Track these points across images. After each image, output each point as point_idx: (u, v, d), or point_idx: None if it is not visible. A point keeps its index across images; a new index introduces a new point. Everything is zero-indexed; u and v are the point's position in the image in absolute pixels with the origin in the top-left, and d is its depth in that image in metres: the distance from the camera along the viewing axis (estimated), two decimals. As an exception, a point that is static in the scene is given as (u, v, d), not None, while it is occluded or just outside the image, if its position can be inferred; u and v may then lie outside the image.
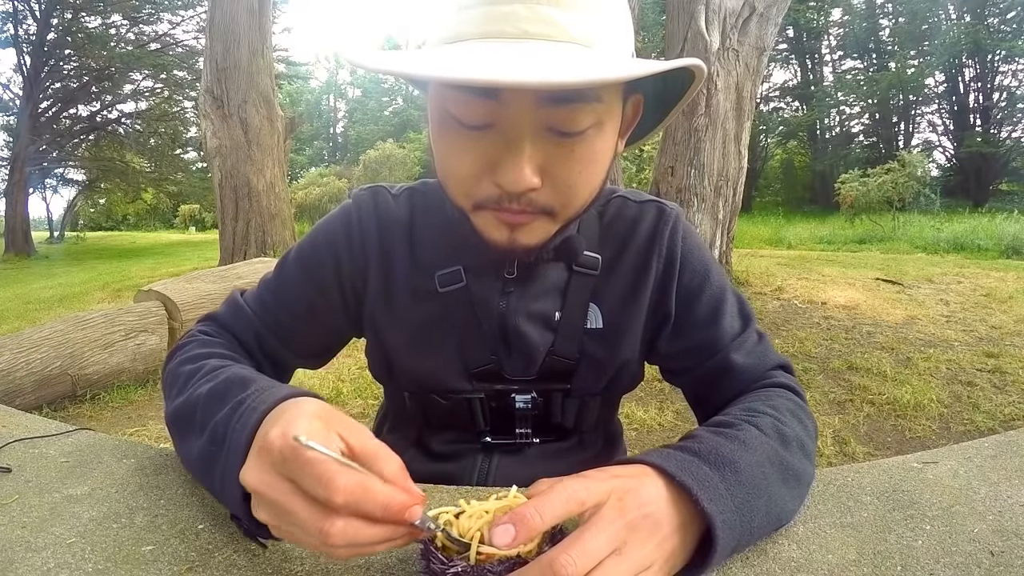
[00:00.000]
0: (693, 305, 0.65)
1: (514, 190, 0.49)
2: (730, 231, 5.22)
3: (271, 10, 8.38)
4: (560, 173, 0.50)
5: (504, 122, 0.48)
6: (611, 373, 0.66)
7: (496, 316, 0.64)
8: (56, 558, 0.46)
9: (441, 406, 0.66)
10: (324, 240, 0.67)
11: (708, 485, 0.42)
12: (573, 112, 0.48)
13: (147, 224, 34.13)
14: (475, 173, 0.51)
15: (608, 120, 0.51)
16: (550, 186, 0.51)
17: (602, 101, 0.49)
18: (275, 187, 7.91)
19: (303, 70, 35.24)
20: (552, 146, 0.49)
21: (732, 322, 0.65)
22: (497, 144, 0.49)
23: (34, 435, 0.70)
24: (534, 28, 0.46)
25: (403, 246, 0.66)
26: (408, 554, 0.45)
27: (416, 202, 0.68)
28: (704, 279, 0.65)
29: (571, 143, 0.49)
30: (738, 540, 0.42)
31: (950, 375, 3.18)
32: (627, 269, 0.65)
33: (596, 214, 0.67)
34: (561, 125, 0.48)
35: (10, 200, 15.33)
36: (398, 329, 0.66)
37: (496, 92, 0.47)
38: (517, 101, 0.47)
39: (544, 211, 0.53)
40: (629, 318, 0.65)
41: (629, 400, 2.90)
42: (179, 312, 3.58)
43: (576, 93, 0.47)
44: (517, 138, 0.48)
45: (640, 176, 13.05)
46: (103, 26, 16.58)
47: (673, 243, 0.65)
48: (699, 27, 4.72)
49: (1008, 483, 0.54)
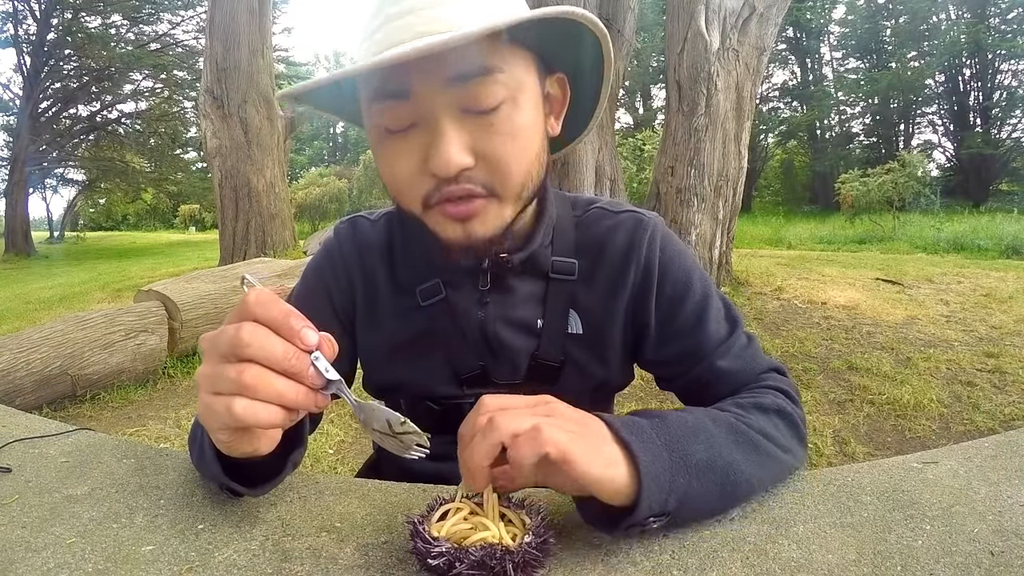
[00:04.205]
0: (676, 314, 0.65)
1: (446, 173, 0.51)
2: (730, 231, 5.21)
3: (271, 10, 8.39)
4: (487, 149, 0.52)
5: (423, 115, 0.52)
6: (597, 377, 0.68)
7: (477, 325, 0.66)
8: (56, 558, 0.46)
9: (435, 412, 0.69)
10: (314, 277, 0.71)
11: (629, 424, 0.48)
12: (480, 86, 0.50)
13: (147, 224, 34.13)
14: (413, 171, 0.54)
15: (521, 95, 0.53)
16: (483, 165, 0.53)
17: (504, 72, 0.51)
18: (275, 187, 7.91)
19: (303, 70, 35.28)
20: (474, 125, 0.52)
21: (718, 328, 0.65)
22: (423, 138, 0.52)
23: (34, 435, 0.70)
24: (426, 28, 0.49)
25: (384, 267, 0.69)
26: (408, 555, 0.45)
27: (394, 224, 0.71)
28: (686, 287, 0.65)
29: (490, 118, 0.52)
30: (671, 477, 0.45)
31: (950, 375, 3.18)
32: (604, 278, 0.66)
33: (572, 223, 0.69)
34: (473, 103, 0.51)
35: (10, 200, 15.33)
36: (388, 345, 0.69)
37: (407, 91, 0.51)
38: (426, 89, 0.50)
39: (486, 191, 0.54)
40: (608, 326, 0.66)
41: (629, 400, 2.90)
42: (179, 312, 3.58)
43: (476, 67, 0.50)
44: (437, 124, 0.51)
45: (640, 176, 13.04)
46: (103, 26, 16.57)
47: (651, 253, 0.66)
48: (699, 27, 4.72)
49: (1008, 483, 0.54)
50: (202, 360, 0.42)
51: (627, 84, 23.62)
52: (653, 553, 0.46)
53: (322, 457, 2.43)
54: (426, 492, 0.57)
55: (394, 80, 0.50)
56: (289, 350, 0.39)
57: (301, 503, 0.55)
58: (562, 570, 0.44)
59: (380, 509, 0.54)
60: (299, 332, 0.39)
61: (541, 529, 0.43)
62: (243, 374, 0.38)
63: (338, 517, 0.52)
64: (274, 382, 0.39)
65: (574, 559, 0.45)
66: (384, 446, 0.44)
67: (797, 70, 26.18)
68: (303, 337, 0.40)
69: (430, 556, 0.41)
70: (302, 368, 0.40)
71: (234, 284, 4.02)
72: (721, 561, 0.45)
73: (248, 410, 0.38)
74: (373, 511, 0.53)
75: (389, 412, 0.43)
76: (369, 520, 0.52)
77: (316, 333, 0.40)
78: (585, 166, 4.76)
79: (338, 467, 2.35)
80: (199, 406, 0.42)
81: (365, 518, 0.52)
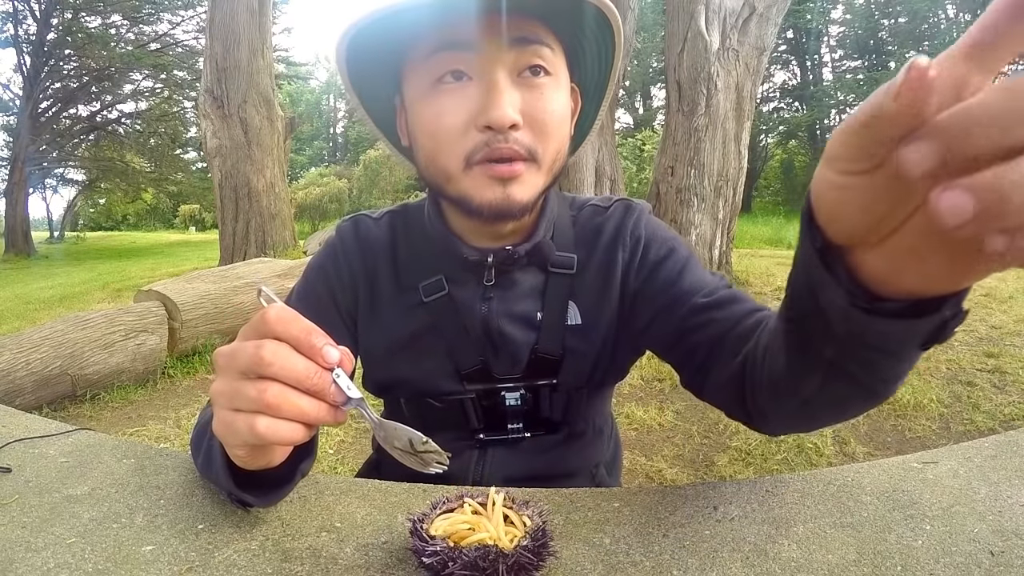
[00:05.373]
0: (659, 271, 0.66)
1: (501, 124, 0.54)
2: (730, 231, 5.22)
3: (271, 10, 8.38)
4: (535, 112, 0.57)
5: (483, 70, 0.55)
6: (593, 366, 0.69)
7: (480, 320, 0.67)
8: (56, 558, 0.46)
9: (436, 408, 0.69)
10: (316, 275, 0.72)
11: None
12: (535, 52, 0.56)
13: (147, 224, 34.12)
14: (462, 124, 0.56)
15: (560, 78, 0.60)
16: (528, 127, 0.57)
17: (553, 51, 0.58)
18: (275, 187, 7.91)
19: (303, 70, 35.26)
20: (524, 90, 0.57)
21: (701, 277, 0.65)
22: (479, 92, 0.56)
23: (34, 435, 0.70)
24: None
25: (387, 264, 0.70)
26: (408, 554, 0.45)
27: (397, 222, 0.73)
28: (670, 249, 0.68)
29: (539, 85, 0.57)
30: None
31: (950, 375, 3.18)
32: (598, 264, 0.68)
33: (570, 221, 0.71)
34: (530, 65, 0.56)
35: (10, 200, 15.33)
36: (389, 342, 0.69)
37: (472, 43, 0.55)
38: (491, 45, 0.55)
39: (528, 155, 0.57)
40: (604, 311, 0.68)
41: (629, 400, 2.90)
42: (179, 312, 3.58)
43: (534, 35, 0.56)
44: (495, 80, 0.55)
45: (640, 176, 13.05)
46: (103, 26, 16.56)
47: (636, 229, 0.69)
48: (699, 27, 4.72)
49: (1008, 483, 0.54)
50: (216, 375, 0.41)
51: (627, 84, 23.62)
52: (653, 553, 0.46)
53: (322, 457, 2.43)
54: (426, 492, 0.57)
55: (464, 31, 0.54)
56: (311, 368, 0.39)
57: (301, 503, 0.55)
58: (562, 570, 0.44)
59: (380, 509, 0.54)
60: (321, 350, 0.39)
61: (540, 532, 0.43)
62: (265, 393, 0.38)
63: (338, 517, 0.52)
64: (296, 400, 0.39)
65: (574, 559, 0.45)
66: (404, 463, 0.43)
67: (797, 70, 26.19)
68: (325, 355, 0.39)
69: (424, 554, 0.41)
70: (324, 386, 0.39)
71: (234, 284, 4.02)
72: (721, 561, 0.45)
73: (271, 428, 0.38)
74: (373, 511, 0.53)
75: (411, 431, 0.42)
76: (369, 520, 0.52)
77: (337, 350, 0.40)
78: (585, 166, 4.76)
79: (338, 467, 2.35)
80: (215, 423, 0.41)
81: (365, 518, 0.52)
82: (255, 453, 0.42)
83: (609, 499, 0.55)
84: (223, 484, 0.50)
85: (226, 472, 0.48)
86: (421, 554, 0.41)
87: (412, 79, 0.60)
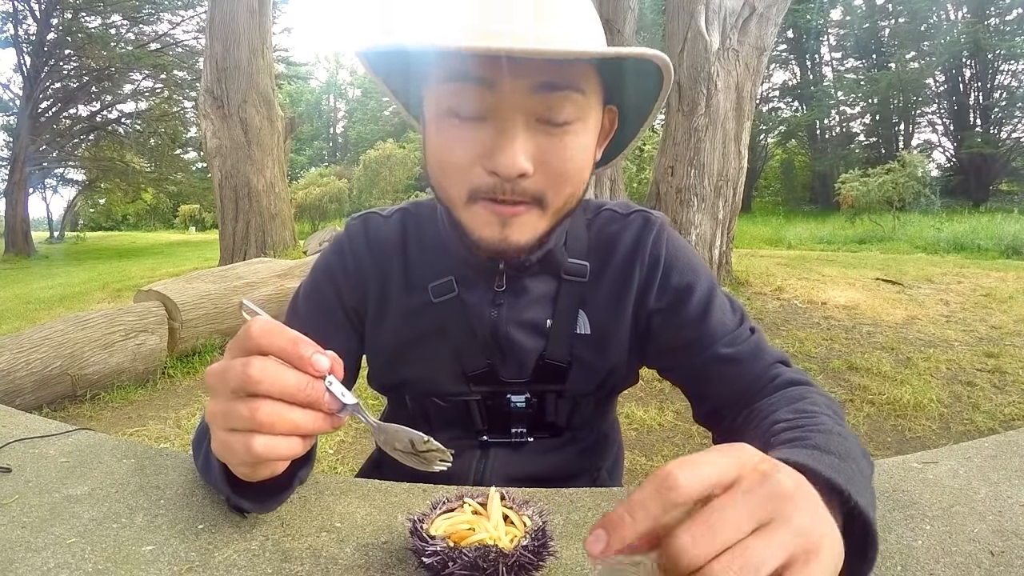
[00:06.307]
0: (683, 304, 0.65)
1: (508, 174, 0.52)
2: (730, 231, 5.22)
3: (271, 10, 8.38)
4: (550, 161, 0.53)
5: (498, 111, 0.52)
6: (601, 376, 0.68)
7: (489, 325, 0.66)
8: (56, 558, 0.46)
9: (440, 408, 0.69)
10: (323, 274, 0.71)
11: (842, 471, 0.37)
12: (561, 101, 0.52)
13: (147, 224, 34.10)
14: (470, 161, 0.54)
15: (590, 118, 0.55)
16: (541, 174, 0.54)
17: (584, 94, 0.53)
18: (275, 187, 7.91)
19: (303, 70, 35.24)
20: (542, 136, 0.53)
21: (723, 318, 0.65)
22: (491, 133, 0.52)
23: (34, 435, 0.70)
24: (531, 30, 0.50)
25: (397, 263, 0.69)
26: (408, 554, 0.45)
27: (408, 221, 0.71)
28: (693, 279, 0.66)
29: (560, 133, 0.53)
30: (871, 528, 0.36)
31: (950, 375, 3.18)
32: (612, 277, 0.67)
33: (584, 226, 0.69)
34: (550, 113, 0.52)
35: (10, 200, 15.32)
36: (397, 340, 0.69)
37: (492, 81, 0.50)
38: (511, 88, 0.50)
39: (535, 200, 0.55)
40: (615, 324, 0.67)
41: (629, 400, 2.90)
42: (179, 312, 3.58)
43: (563, 80, 0.51)
44: (511, 126, 0.51)
45: (640, 176, 13.05)
46: (103, 26, 16.55)
47: (656, 248, 0.67)
48: (699, 27, 4.72)
49: (1008, 483, 0.54)
50: (209, 396, 0.41)
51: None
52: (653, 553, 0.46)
53: (322, 457, 2.43)
54: (426, 492, 0.57)
55: (483, 68, 0.50)
56: (302, 380, 0.38)
57: (301, 503, 0.55)
58: (562, 570, 0.44)
59: (380, 509, 0.54)
60: (310, 359, 0.38)
61: (540, 532, 0.43)
62: (257, 412, 0.37)
63: (338, 517, 0.52)
64: (290, 415, 0.38)
65: (574, 559, 0.45)
66: (406, 464, 0.43)
67: (797, 70, 26.18)
68: (315, 363, 0.39)
69: (424, 554, 0.41)
70: (318, 396, 0.39)
71: (234, 284, 4.02)
72: (721, 561, 0.44)
73: (268, 446, 0.38)
74: (373, 511, 0.53)
75: (411, 432, 0.42)
76: (369, 520, 0.52)
77: (327, 357, 0.39)
78: (585, 166, 4.75)
79: (338, 467, 2.35)
80: (214, 443, 0.41)
81: (365, 518, 0.52)
82: (256, 468, 0.42)
83: (609, 499, 0.55)
84: (221, 491, 0.50)
85: (224, 480, 0.48)
86: (421, 554, 0.41)
87: (430, 95, 0.56)
